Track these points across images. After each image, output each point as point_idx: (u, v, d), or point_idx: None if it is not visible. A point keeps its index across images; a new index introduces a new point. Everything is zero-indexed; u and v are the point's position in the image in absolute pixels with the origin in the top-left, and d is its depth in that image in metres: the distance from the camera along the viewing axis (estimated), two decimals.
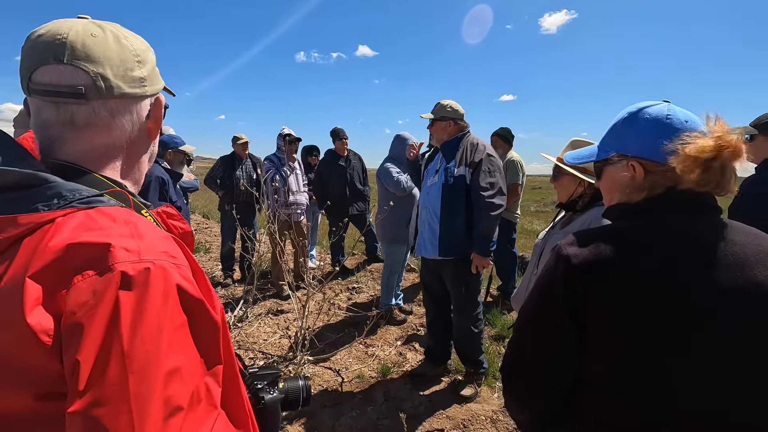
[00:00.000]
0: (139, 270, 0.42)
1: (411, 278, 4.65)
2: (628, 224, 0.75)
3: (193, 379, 0.44)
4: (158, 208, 0.62)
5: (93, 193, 0.50)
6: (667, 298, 0.64)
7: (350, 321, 3.54)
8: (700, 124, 0.73)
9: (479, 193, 2.31)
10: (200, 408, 0.44)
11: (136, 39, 0.58)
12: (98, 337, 0.39)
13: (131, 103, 0.57)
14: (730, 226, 0.70)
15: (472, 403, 2.43)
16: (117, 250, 0.43)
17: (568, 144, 1.72)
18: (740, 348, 0.64)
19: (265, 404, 0.73)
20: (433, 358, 2.71)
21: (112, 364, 0.39)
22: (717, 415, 0.65)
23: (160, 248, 0.46)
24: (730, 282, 0.64)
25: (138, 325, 0.40)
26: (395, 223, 3.30)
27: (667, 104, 0.78)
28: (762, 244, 0.68)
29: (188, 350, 0.45)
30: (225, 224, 4.59)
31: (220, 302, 0.52)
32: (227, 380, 0.51)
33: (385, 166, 3.32)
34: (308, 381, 0.84)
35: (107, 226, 0.46)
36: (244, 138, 4.52)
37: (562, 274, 0.70)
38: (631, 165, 0.77)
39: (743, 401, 0.65)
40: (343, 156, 4.56)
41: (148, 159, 0.64)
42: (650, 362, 0.65)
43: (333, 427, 2.23)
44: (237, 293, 4.11)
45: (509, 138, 3.84)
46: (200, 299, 0.47)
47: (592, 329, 0.68)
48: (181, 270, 0.46)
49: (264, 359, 2.92)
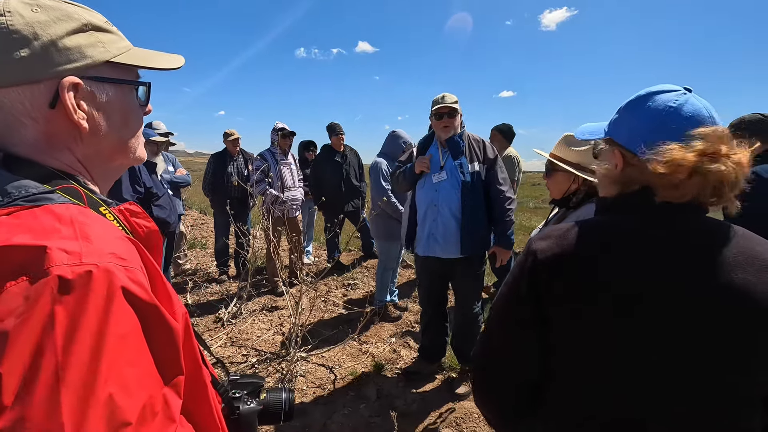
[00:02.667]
0: (79, 273, 0.39)
1: (406, 275, 4.63)
2: (602, 221, 0.73)
3: (144, 391, 0.40)
4: (121, 206, 0.58)
5: (42, 190, 0.46)
6: (627, 299, 0.63)
7: (345, 317, 3.52)
8: (709, 121, 0.65)
9: (499, 188, 2.34)
10: (155, 422, 0.41)
11: (36, 11, 0.48)
12: (27, 347, 0.35)
13: (18, 91, 0.48)
14: (709, 227, 0.67)
15: (466, 401, 2.42)
16: (54, 252, 0.39)
17: (561, 139, 1.69)
18: (711, 348, 0.62)
19: (240, 415, 0.69)
20: (427, 356, 2.69)
21: (43, 377, 0.35)
22: (693, 416, 0.64)
23: (107, 249, 0.42)
24: (702, 284, 0.62)
25: (75, 332, 0.37)
26: (388, 219, 3.28)
27: (678, 92, 0.68)
28: (744, 245, 0.64)
29: (139, 360, 0.41)
30: (218, 220, 4.57)
31: (182, 307, 0.49)
32: (193, 390, 0.48)
33: (379, 167, 3.29)
34: (292, 394, 0.79)
35: (50, 226, 0.42)
36: (236, 134, 4.48)
37: (529, 268, 0.70)
38: (614, 153, 0.73)
39: (718, 402, 0.63)
40: (339, 151, 4.52)
41: (112, 153, 0.56)
42: (614, 359, 0.65)
43: (325, 425, 2.21)
44: (232, 289, 4.08)
45: (510, 134, 3.80)
46: (153, 304, 0.43)
47: (555, 324, 0.68)
48: (129, 272, 0.42)
49: (257, 356, 2.90)
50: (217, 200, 4.37)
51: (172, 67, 0.60)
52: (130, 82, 0.57)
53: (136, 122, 0.59)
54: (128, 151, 0.59)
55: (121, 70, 0.55)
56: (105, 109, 0.53)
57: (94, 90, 0.52)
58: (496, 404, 0.79)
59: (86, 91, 0.51)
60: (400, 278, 4.34)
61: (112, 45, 0.54)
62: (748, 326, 0.61)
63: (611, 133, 0.75)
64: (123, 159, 0.59)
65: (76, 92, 0.50)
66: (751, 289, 0.61)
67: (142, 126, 0.60)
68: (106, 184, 0.59)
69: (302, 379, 2.63)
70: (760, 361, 0.62)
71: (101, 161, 0.57)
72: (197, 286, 4.10)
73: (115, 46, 0.54)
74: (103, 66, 0.53)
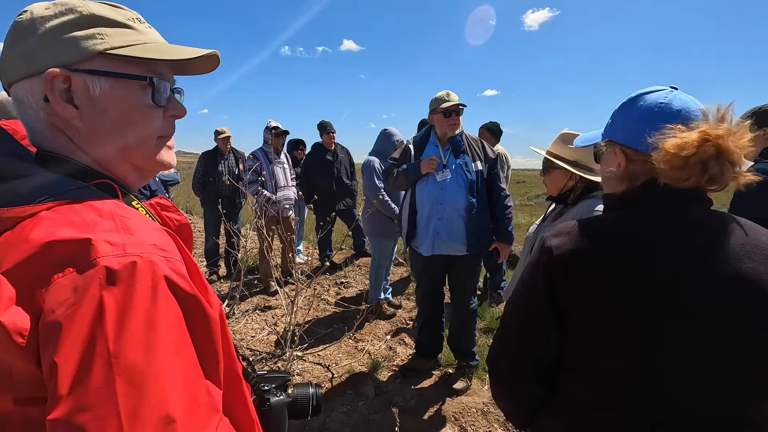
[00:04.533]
0: (125, 264, 0.39)
1: (399, 272, 4.65)
2: (611, 216, 0.76)
3: (190, 382, 0.41)
4: (152, 200, 0.58)
5: (78, 185, 0.46)
6: (638, 290, 0.65)
7: (339, 316, 3.52)
8: (698, 114, 0.70)
9: (501, 187, 2.44)
10: (200, 413, 0.41)
11: (47, 9, 0.49)
12: (80, 337, 0.36)
13: (25, 85, 0.49)
14: (714, 218, 0.69)
15: (463, 396, 2.45)
16: (99, 244, 0.39)
17: (558, 137, 1.73)
18: (720, 338, 0.64)
19: (271, 406, 0.69)
20: (423, 353, 2.71)
21: (97, 366, 0.35)
22: (704, 406, 0.65)
23: (148, 241, 0.43)
24: (710, 274, 0.64)
25: (125, 322, 0.37)
26: (382, 217, 3.28)
27: (666, 91, 0.75)
28: (749, 235, 0.67)
29: (184, 350, 0.41)
30: (208, 219, 4.50)
31: (217, 299, 0.49)
32: (228, 381, 0.48)
33: (372, 165, 3.29)
34: (319, 389, 0.79)
35: (91, 220, 0.42)
36: (227, 132, 4.42)
37: (544, 265, 0.72)
38: (615, 152, 0.77)
39: (728, 390, 0.65)
40: (331, 150, 4.49)
41: (123, 151, 0.53)
42: (628, 350, 0.66)
43: (324, 422, 2.21)
44: (223, 290, 4.03)
45: (498, 132, 3.85)
46: (194, 294, 0.43)
47: (571, 317, 0.70)
48: (171, 263, 0.43)
49: (253, 356, 2.88)
50: (208, 199, 4.31)
51: (183, 58, 0.53)
52: (128, 76, 0.51)
53: (145, 121, 0.53)
54: (142, 152, 0.55)
55: (125, 64, 0.51)
56: (100, 104, 0.50)
57: (88, 83, 0.49)
58: (519, 396, 0.80)
59: (80, 84, 0.49)
60: (393, 276, 4.35)
61: (117, 38, 0.50)
62: (758, 314, 0.63)
63: (609, 135, 0.79)
64: (140, 160, 0.55)
65: (64, 85, 0.48)
66: (759, 277, 0.63)
67: (155, 127, 0.55)
68: (137, 183, 0.57)
69: (299, 378, 2.62)
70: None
71: (121, 160, 0.54)
72: None
73: (120, 39, 0.50)
74: (99, 58, 0.49)
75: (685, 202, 0.70)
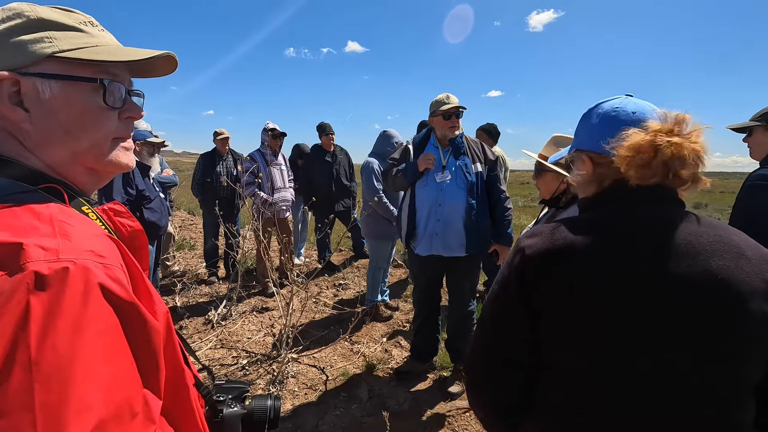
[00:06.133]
0: (56, 269, 0.38)
1: (397, 274, 4.63)
2: (583, 217, 0.78)
3: (120, 390, 0.40)
4: (105, 205, 0.57)
5: (23, 189, 0.46)
6: (609, 290, 0.66)
7: (336, 318, 3.51)
8: (652, 115, 0.73)
9: (501, 189, 2.45)
10: (135, 423, 0.40)
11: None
12: (1, 342, 0.35)
13: None
14: (684, 216, 0.70)
15: (458, 400, 2.43)
16: (31, 249, 0.39)
17: (550, 140, 1.71)
18: (694, 337, 0.63)
19: (223, 418, 0.67)
20: (419, 356, 2.69)
21: (16, 372, 0.34)
22: (682, 408, 0.64)
23: (86, 247, 0.42)
24: (680, 271, 0.64)
25: (50, 328, 0.36)
26: (379, 219, 3.27)
27: (621, 98, 0.80)
28: (720, 234, 0.68)
29: (116, 358, 0.40)
30: (207, 221, 4.51)
31: (164, 307, 0.48)
32: (174, 391, 0.47)
33: (371, 166, 3.28)
34: (278, 401, 0.77)
35: (28, 224, 0.42)
36: (225, 133, 4.43)
37: (517, 265, 0.73)
38: (583, 159, 0.80)
39: (705, 391, 0.64)
40: (330, 151, 4.50)
41: (76, 155, 0.52)
42: (601, 352, 0.66)
43: (317, 425, 2.20)
44: (222, 291, 4.04)
45: (495, 134, 3.85)
46: (131, 302, 0.42)
47: (544, 318, 0.70)
48: (108, 270, 0.42)
49: (248, 358, 2.88)
50: (206, 200, 4.32)
51: (133, 59, 0.52)
52: (78, 78, 0.50)
53: (97, 123, 0.52)
54: (94, 155, 0.53)
55: (75, 67, 0.50)
56: (50, 107, 0.49)
57: (38, 86, 0.49)
58: (489, 401, 0.80)
59: (29, 87, 0.49)
60: (391, 278, 4.34)
61: (66, 41, 0.50)
62: (729, 312, 0.62)
63: (576, 144, 0.85)
64: (93, 163, 0.54)
65: (13, 88, 0.48)
66: (729, 274, 0.63)
67: (108, 128, 0.54)
68: (91, 186, 0.57)
69: (293, 381, 2.62)
70: (742, 347, 0.63)
71: (73, 163, 0.53)
72: (186, 288, 4.05)
73: (69, 42, 0.50)
74: (48, 61, 0.49)
75: (654, 202, 0.72)
